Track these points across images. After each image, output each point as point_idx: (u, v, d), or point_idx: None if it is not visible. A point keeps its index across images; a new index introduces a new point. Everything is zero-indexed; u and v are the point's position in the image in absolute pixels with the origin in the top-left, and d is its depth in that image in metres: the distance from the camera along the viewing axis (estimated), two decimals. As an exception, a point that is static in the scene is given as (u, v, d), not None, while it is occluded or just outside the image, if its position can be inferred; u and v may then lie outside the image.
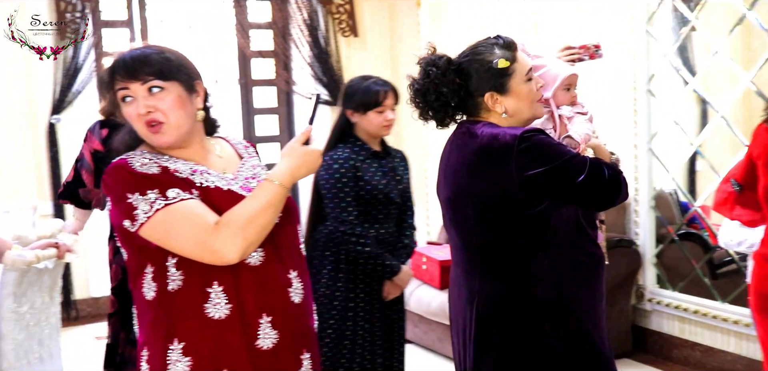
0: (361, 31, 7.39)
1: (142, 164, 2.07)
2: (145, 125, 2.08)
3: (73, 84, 6.47)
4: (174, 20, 7.11)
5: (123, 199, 2.03)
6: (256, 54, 7.36)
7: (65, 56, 6.39)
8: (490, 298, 2.49)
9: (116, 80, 2.08)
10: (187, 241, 2.01)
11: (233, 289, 2.08)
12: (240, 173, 2.25)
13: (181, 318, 2.07)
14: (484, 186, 2.43)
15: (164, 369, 2.07)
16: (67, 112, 6.51)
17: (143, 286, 2.11)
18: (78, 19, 6.39)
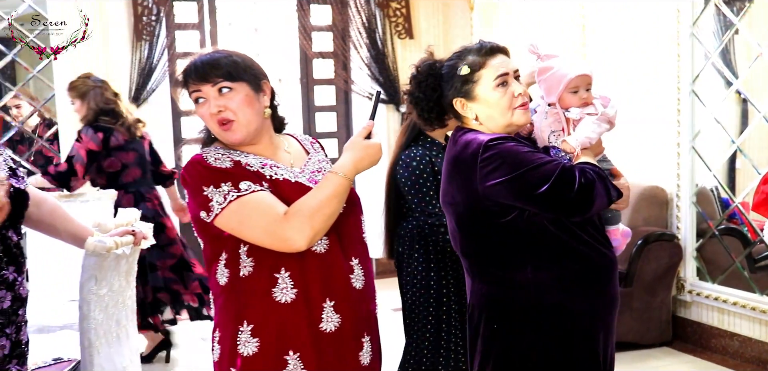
0: (416, 33, 7.44)
1: (216, 159, 2.14)
2: (217, 124, 2.16)
3: (148, 82, 6.61)
4: (241, 23, 7.23)
5: (199, 192, 2.11)
6: (317, 55, 7.47)
7: (141, 57, 6.56)
8: (479, 302, 2.50)
9: (189, 83, 2.17)
10: (259, 230, 2.07)
11: (299, 275, 2.12)
12: (306, 167, 2.29)
13: (251, 302, 2.13)
14: (458, 194, 2.43)
15: (234, 349, 2.14)
16: (142, 108, 6.65)
17: (217, 272, 2.18)
18: (153, 22, 6.56)
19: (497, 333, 2.45)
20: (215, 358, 2.23)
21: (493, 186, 2.31)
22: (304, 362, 2.13)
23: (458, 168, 2.41)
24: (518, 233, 2.37)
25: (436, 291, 3.49)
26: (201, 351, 5.65)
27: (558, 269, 2.39)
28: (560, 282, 2.40)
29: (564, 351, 2.41)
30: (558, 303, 2.40)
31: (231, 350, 2.15)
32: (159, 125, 6.82)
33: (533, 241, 2.37)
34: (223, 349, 2.18)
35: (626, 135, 5.58)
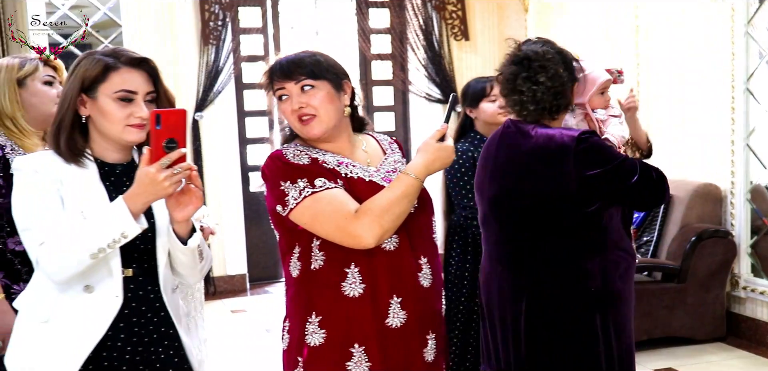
0: (472, 35, 7.44)
1: (294, 155, 2.17)
2: (297, 119, 2.18)
3: (214, 85, 6.73)
4: (303, 27, 7.31)
5: (277, 186, 2.14)
6: (376, 57, 7.50)
7: (207, 60, 6.68)
8: (543, 294, 2.52)
9: (274, 81, 2.21)
10: (330, 226, 2.09)
11: (368, 271, 2.13)
12: (382, 166, 2.29)
13: (320, 295, 2.15)
14: (540, 185, 2.46)
15: (302, 339, 2.17)
16: (208, 109, 6.78)
17: (290, 264, 2.21)
18: (220, 26, 6.67)
19: (560, 321, 2.50)
20: (284, 346, 2.26)
21: (592, 176, 2.38)
22: (369, 355, 2.14)
23: (544, 159, 2.45)
24: (594, 224, 2.46)
25: (469, 285, 3.55)
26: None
27: (616, 259, 2.51)
28: (618, 271, 2.51)
29: (624, 336, 2.53)
30: (619, 291, 2.52)
31: (299, 340, 2.18)
32: (225, 126, 6.96)
33: (604, 232, 2.47)
34: (292, 338, 2.21)
35: (680, 133, 5.51)
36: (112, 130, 2.09)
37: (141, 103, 2.08)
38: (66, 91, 2.09)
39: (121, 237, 1.95)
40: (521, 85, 2.59)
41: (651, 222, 5.31)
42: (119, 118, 2.07)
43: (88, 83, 2.07)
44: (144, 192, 1.95)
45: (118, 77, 2.07)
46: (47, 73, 2.78)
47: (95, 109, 2.08)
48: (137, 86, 2.08)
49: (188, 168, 1.97)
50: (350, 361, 2.14)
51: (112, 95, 2.06)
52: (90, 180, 2.09)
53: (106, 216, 1.95)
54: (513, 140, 2.52)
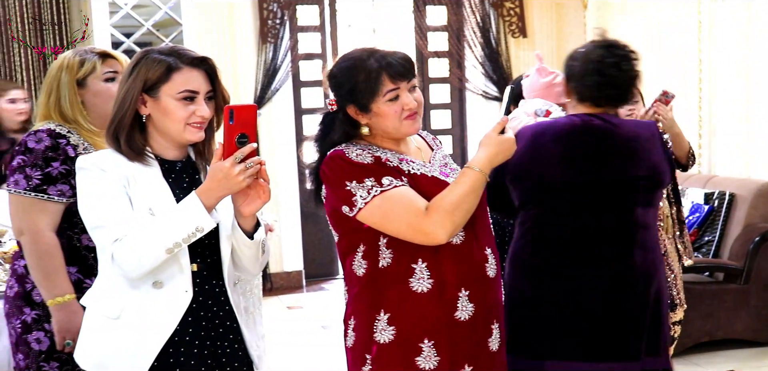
0: (530, 32, 7.39)
1: (357, 154, 2.18)
2: (405, 118, 2.19)
3: (272, 83, 6.81)
4: (360, 25, 7.36)
5: (341, 186, 2.15)
6: (432, 54, 7.50)
7: (266, 58, 6.76)
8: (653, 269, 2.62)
9: (386, 81, 2.17)
10: (401, 224, 2.11)
11: (435, 265, 2.16)
12: (434, 161, 2.32)
13: (389, 292, 2.17)
14: (647, 168, 2.58)
15: (370, 336, 2.19)
16: (265, 107, 6.85)
17: (353, 263, 2.22)
18: (278, 25, 6.75)
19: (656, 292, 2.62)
20: (349, 344, 2.27)
21: (670, 158, 2.67)
22: (438, 349, 2.16)
23: (642, 144, 2.60)
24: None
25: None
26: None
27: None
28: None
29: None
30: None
31: (367, 337, 2.20)
32: (282, 124, 7.03)
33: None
34: (359, 336, 2.23)
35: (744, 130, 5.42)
36: (173, 129, 2.13)
37: (202, 102, 2.13)
38: (126, 90, 2.13)
39: (196, 232, 2.00)
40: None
41: (713, 222, 5.22)
42: (181, 117, 2.11)
43: (150, 83, 2.11)
44: (217, 186, 1.99)
45: (180, 77, 2.10)
46: (107, 69, 2.75)
47: (157, 108, 2.12)
48: (198, 86, 2.12)
49: (259, 162, 2.01)
50: (420, 356, 2.16)
51: (175, 95, 2.10)
52: (154, 177, 2.13)
53: (181, 212, 2.00)
54: (602, 128, 2.56)
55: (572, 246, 2.56)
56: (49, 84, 2.71)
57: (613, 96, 2.60)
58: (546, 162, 2.54)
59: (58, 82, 2.68)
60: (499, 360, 2.31)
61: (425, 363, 2.16)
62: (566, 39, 7.32)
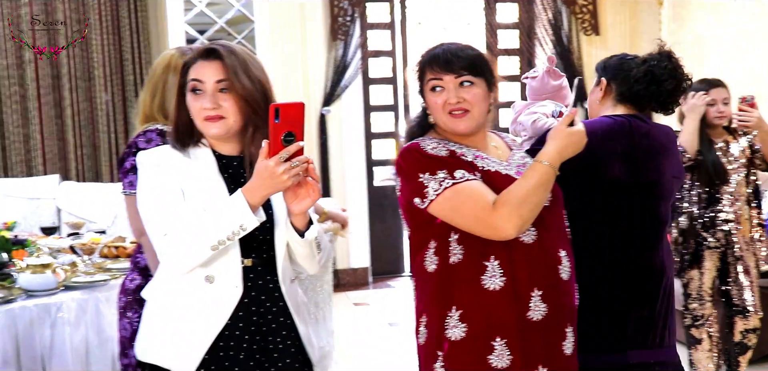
0: (603, 30, 7.31)
1: (432, 147, 2.19)
2: (448, 113, 2.19)
3: (341, 80, 6.86)
4: (430, 22, 7.37)
5: (414, 178, 2.16)
6: (502, 52, 7.48)
7: (336, 55, 6.82)
8: (669, 262, 2.68)
9: (428, 71, 2.21)
10: (469, 217, 2.11)
11: (508, 264, 2.14)
12: (512, 161, 2.31)
13: (460, 289, 2.16)
14: (675, 168, 2.68)
15: (442, 333, 2.18)
16: (335, 104, 6.91)
17: (425, 259, 2.22)
18: (348, 22, 6.80)
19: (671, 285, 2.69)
20: (421, 341, 2.27)
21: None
22: (511, 348, 2.14)
23: (673, 145, 2.71)
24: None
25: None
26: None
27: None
28: None
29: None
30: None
31: (438, 334, 2.19)
32: (351, 120, 7.08)
33: None
34: (430, 333, 2.22)
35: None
36: (197, 124, 2.15)
37: (207, 94, 2.11)
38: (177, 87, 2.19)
39: (240, 230, 2.00)
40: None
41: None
42: (194, 110, 2.13)
43: (182, 80, 2.17)
44: (262, 185, 1.99)
45: (192, 70, 2.14)
46: None
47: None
48: (203, 75, 2.12)
49: (306, 161, 2.00)
50: (492, 355, 2.15)
51: (187, 88, 2.14)
52: (209, 172, 2.15)
53: (225, 209, 2.01)
54: (645, 130, 2.61)
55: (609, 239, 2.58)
56: (153, 84, 2.73)
57: (660, 103, 2.63)
58: (595, 159, 2.52)
59: (163, 83, 2.70)
60: (573, 365, 2.29)
61: (498, 362, 2.14)
62: (640, 37, 7.21)
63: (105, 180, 6.49)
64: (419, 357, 2.30)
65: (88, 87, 6.52)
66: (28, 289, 3.19)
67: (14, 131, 6.32)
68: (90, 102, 6.54)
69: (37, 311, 3.09)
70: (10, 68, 6.25)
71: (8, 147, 6.33)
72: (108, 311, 3.29)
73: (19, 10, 6.24)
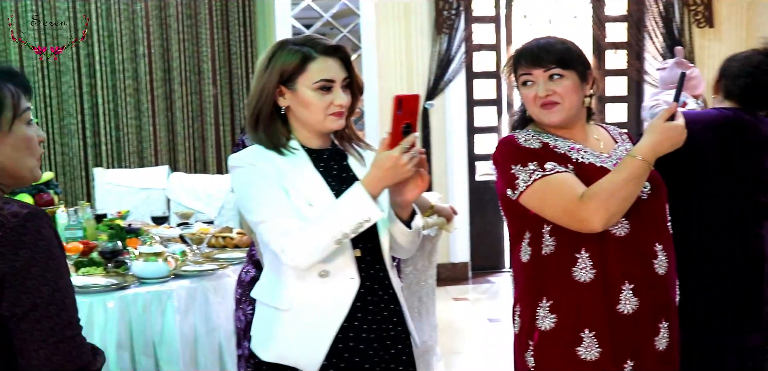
0: (717, 22, 7.07)
1: (525, 140, 2.23)
2: (539, 105, 2.22)
3: (445, 73, 6.86)
4: (536, 15, 7.27)
5: (508, 170, 2.21)
6: (610, 45, 7.35)
7: (440, 49, 6.79)
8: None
9: (520, 66, 2.25)
10: (557, 209, 2.14)
11: (599, 256, 2.15)
12: (614, 153, 2.30)
13: (551, 280, 2.19)
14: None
15: (533, 323, 2.22)
16: (438, 98, 6.91)
17: (520, 250, 2.26)
18: (453, 15, 6.77)
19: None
20: (516, 330, 2.31)
21: None
22: (599, 341, 2.16)
23: None
24: None
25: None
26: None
27: None
28: None
29: None
30: None
31: (530, 324, 2.23)
32: (455, 115, 7.06)
33: None
34: (523, 323, 2.27)
35: None
36: (313, 119, 2.17)
37: (339, 90, 2.16)
38: (263, 83, 2.17)
39: (365, 222, 2.01)
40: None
41: None
42: (320, 107, 2.14)
43: (287, 75, 2.15)
44: (385, 176, 2.00)
45: (316, 66, 2.14)
46: None
47: (295, 99, 2.17)
48: (335, 74, 2.15)
49: (420, 151, 2.02)
50: (580, 346, 2.17)
51: (312, 85, 2.13)
52: (305, 168, 2.17)
53: (348, 202, 2.02)
54: (753, 122, 2.63)
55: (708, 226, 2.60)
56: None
57: (760, 100, 2.64)
58: (697, 149, 2.50)
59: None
60: (667, 360, 2.26)
61: (586, 354, 2.16)
62: (757, 29, 6.95)
63: (211, 171, 6.68)
64: (514, 345, 2.34)
65: (197, 81, 6.74)
66: (140, 277, 3.28)
67: (128, 123, 6.58)
68: (199, 95, 6.76)
69: (149, 298, 3.18)
70: (125, 63, 6.52)
71: (122, 139, 6.59)
72: (215, 300, 3.38)
73: (135, 5, 6.48)
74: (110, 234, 3.63)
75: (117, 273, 3.35)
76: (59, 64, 6.41)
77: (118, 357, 3.07)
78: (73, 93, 6.44)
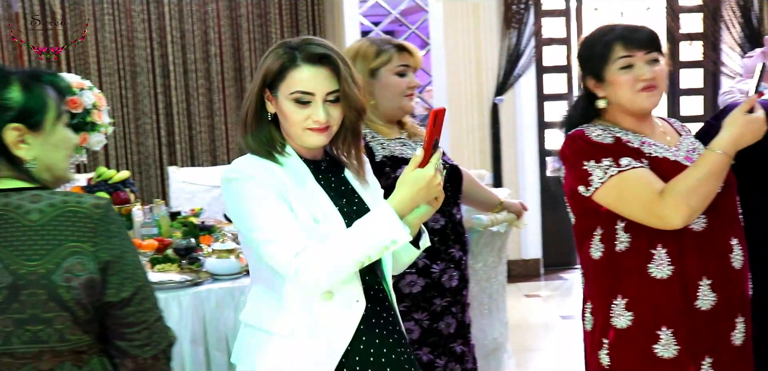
0: (798, 11, 6.83)
1: (597, 135, 2.18)
2: (639, 90, 2.17)
3: (514, 68, 6.81)
4: (607, 8, 7.16)
5: (579, 166, 2.17)
6: (684, 37, 7.19)
7: (509, 43, 6.74)
8: None
9: (618, 48, 2.18)
10: (635, 206, 2.10)
11: (676, 252, 2.12)
12: (681, 146, 2.26)
13: (626, 277, 2.16)
14: None
15: (607, 321, 2.19)
16: (507, 93, 6.88)
17: (591, 247, 2.23)
18: (522, 10, 6.71)
19: None
20: (587, 328, 2.29)
21: None
22: (677, 338, 2.13)
23: None
24: None
25: None
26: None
27: None
28: None
29: None
30: None
31: (604, 322, 2.19)
32: (525, 110, 7.01)
33: None
34: (596, 321, 2.23)
35: None
36: (292, 132, 1.99)
37: (319, 105, 1.95)
38: (253, 85, 2.01)
39: (391, 245, 1.85)
40: None
41: None
42: (296, 120, 1.95)
43: (269, 80, 1.97)
44: (417, 194, 1.84)
45: (296, 76, 1.94)
46: (401, 63, 2.75)
47: (277, 108, 1.99)
48: (314, 87, 1.94)
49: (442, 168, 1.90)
50: (658, 344, 2.14)
51: (289, 96, 1.94)
52: (308, 181, 2.00)
53: (373, 223, 1.85)
54: None
55: None
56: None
57: None
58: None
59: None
60: (743, 355, 2.23)
61: (663, 352, 2.13)
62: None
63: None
64: (585, 343, 2.32)
65: (267, 79, 6.76)
66: (213, 273, 3.33)
67: (201, 122, 6.69)
68: (269, 94, 6.79)
69: (223, 294, 3.22)
70: (197, 62, 6.63)
71: (195, 137, 6.70)
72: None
73: (207, 6, 6.59)
74: (184, 232, 3.69)
75: (191, 269, 3.41)
76: (135, 66, 6.57)
77: (192, 352, 3.12)
78: (147, 93, 6.59)
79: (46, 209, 1.61)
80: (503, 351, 4.19)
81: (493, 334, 3.99)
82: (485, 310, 3.92)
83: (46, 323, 1.60)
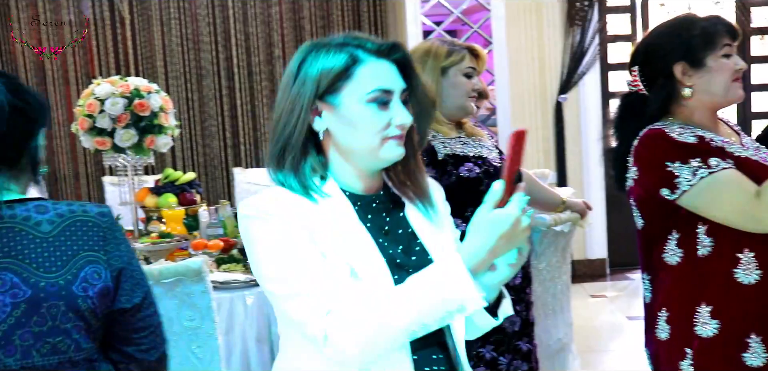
0: None
1: (679, 133, 2.07)
2: (734, 79, 2.14)
3: (578, 66, 6.70)
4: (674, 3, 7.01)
5: (661, 167, 2.04)
6: (756, 31, 7.01)
7: (573, 41, 6.65)
8: None
9: (723, 34, 2.13)
10: (730, 209, 1.99)
11: (764, 256, 2.02)
12: (747, 145, 2.19)
13: (710, 283, 2.05)
14: None
15: (690, 330, 2.08)
16: (571, 91, 6.77)
17: (664, 251, 2.13)
18: (586, 6, 6.61)
19: None
20: (662, 337, 2.16)
21: None
22: (767, 345, 2.03)
23: None
24: None
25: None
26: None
27: None
28: None
29: None
30: None
31: (686, 330, 2.09)
32: (589, 108, 6.91)
33: None
34: (676, 329, 2.12)
35: None
36: (364, 145, 1.59)
37: (399, 104, 1.59)
38: (293, 98, 1.60)
39: (458, 311, 1.43)
40: None
41: None
42: (374, 127, 1.57)
43: (327, 85, 1.57)
44: (497, 243, 1.42)
45: (367, 72, 1.57)
46: (470, 64, 2.80)
47: (337, 119, 1.59)
48: (393, 83, 1.59)
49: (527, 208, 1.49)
50: (747, 352, 2.03)
51: (365, 97, 1.57)
52: (345, 221, 1.58)
53: (434, 280, 1.44)
54: None
55: None
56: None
57: None
58: None
59: (422, 65, 2.72)
60: None
61: (753, 360, 2.03)
62: None
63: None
64: (659, 353, 2.20)
65: (330, 81, 6.82)
66: (277, 273, 3.36)
67: (265, 124, 6.77)
68: (331, 95, 6.84)
69: (286, 294, 3.25)
70: (261, 64, 6.70)
71: (259, 139, 6.79)
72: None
73: (270, 9, 6.65)
74: (249, 232, 3.74)
75: (256, 270, 3.45)
76: (200, 69, 6.68)
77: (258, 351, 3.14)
78: (213, 96, 6.69)
79: (56, 219, 1.59)
80: (568, 352, 4.14)
81: (558, 335, 3.94)
82: (549, 310, 3.88)
83: (64, 334, 1.57)
